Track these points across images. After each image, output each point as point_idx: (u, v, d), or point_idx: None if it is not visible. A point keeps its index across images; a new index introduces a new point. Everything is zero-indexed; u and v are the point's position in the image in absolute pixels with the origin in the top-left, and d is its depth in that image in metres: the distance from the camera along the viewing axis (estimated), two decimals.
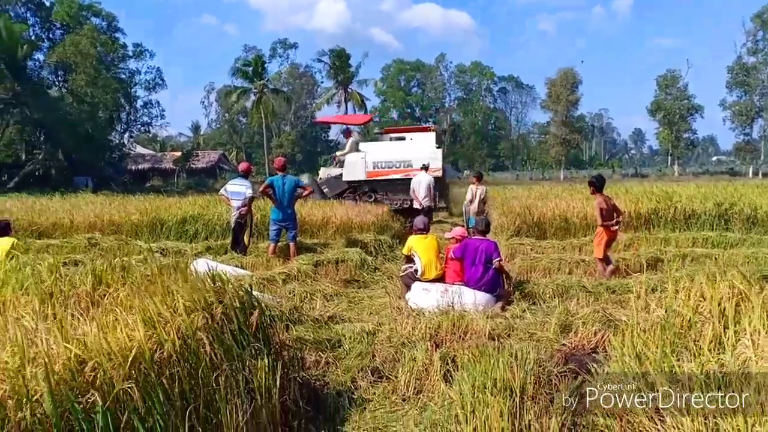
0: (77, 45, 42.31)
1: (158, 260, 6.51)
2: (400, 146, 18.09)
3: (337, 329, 5.74)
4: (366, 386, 4.60)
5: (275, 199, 9.46)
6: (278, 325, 4.80)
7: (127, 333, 2.98)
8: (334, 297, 7.36)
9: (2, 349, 2.69)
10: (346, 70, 61.23)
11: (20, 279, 4.19)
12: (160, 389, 2.86)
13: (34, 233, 12.39)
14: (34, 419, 2.33)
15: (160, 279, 3.88)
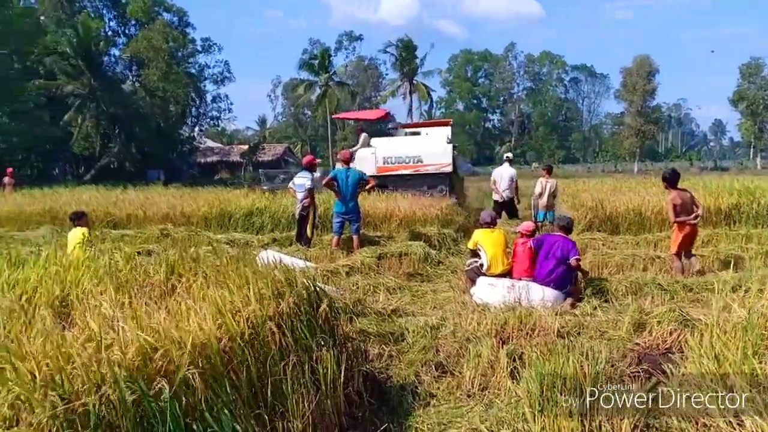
0: (149, 40, 43.98)
1: (227, 251, 6.72)
2: (412, 141, 18.07)
3: (400, 323, 5.77)
4: (430, 381, 4.60)
5: (339, 192, 9.56)
6: (342, 317, 4.88)
7: (197, 322, 3.09)
8: (397, 290, 7.39)
9: (81, 335, 2.85)
10: (412, 62, 61.13)
11: (98, 268, 4.42)
12: (227, 377, 2.96)
13: (110, 224, 12.98)
14: (108, 404, 2.45)
15: (231, 269, 4.01)
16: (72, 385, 2.37)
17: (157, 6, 47.74)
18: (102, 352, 2.57)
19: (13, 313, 3.55)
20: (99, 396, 2.38)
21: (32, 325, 3.13)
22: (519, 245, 7.15)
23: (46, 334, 2.79)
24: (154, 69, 44.27)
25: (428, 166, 16.91)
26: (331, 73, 56.71)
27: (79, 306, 3.59)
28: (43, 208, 13.90)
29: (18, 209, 14.02)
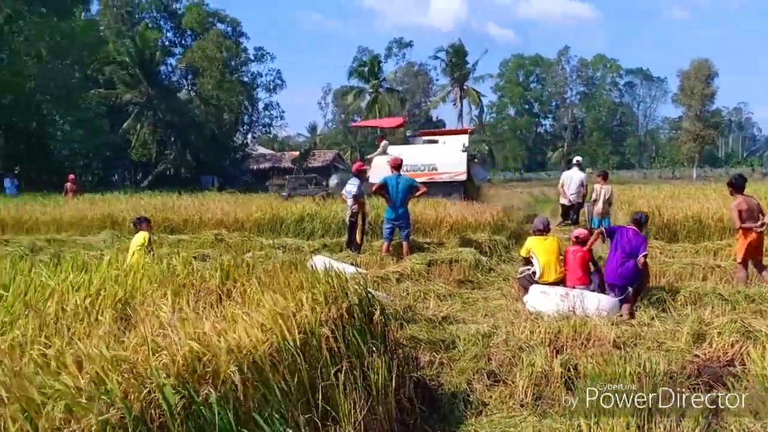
0: (204, 50, 45.26)
1: (278, 256, 6.84)
2: (427, 150, 18.28)
3: (451, 330, 5.74)
4: (482, 389, 4.57)
5: (389, 198, 9.60)
6: (393, 323, 4.90)
7: (246, 327, 3.15)
8: (448, 297, 7.36)
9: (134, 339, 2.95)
10: (463, 67, 60.94)
11: (157, 272, 4.57)
12: (278, 382, 3.01)
13: (167, 229, 13.38)
14: (157, 409, 2.52)
15: (284, 275, 4.08)
16: (123, 389, 2.44)
17: (211, 17, 49.08)
18: (152, 356, 2.64)
19: (77, 315, 3.71)
20: (148, 400, 2.45)
21: (95, 327, 3.27)
22: (570, 253, 7.03)
23: (105, 337, 2.91)
24: (208, 78, 45.52)
25: (443, 174, 17.15)
26: (381, 80, 57.08)
27: (139, 309, 3.71)
28: (103, 213, 14.39)
29: (80, 214, 14.55)
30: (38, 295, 4.03)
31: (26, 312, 3.66)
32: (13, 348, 2.75)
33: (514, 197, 22.53)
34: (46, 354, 2.63)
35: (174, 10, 51.04)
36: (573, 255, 6.95)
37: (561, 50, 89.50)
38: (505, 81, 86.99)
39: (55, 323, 3.48)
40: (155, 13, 50.73)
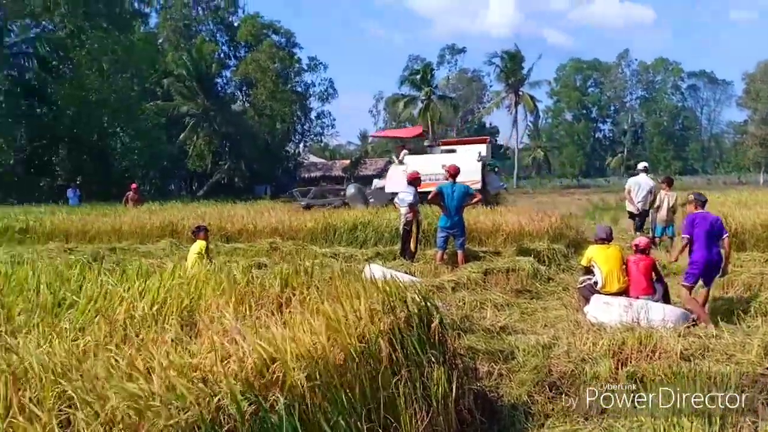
0: (258, 61, 46.32)
1: (332, 265, 6.90)
2: (442, 159, 18.12)
3: (509, 340, 5.69)
4: (544, 401, 4.51)
5: (444, 206, 9.59)
6: (450, 333, 4.89)
7: (311, 335, 3.22)
8: (506, 307, 7.30)
9: (203, 346, 3.05)
10: (518, 73, 60.40)
11: (218, 280, 4.69)
12: (342, 390, 3.05)
13: (223, 237, 13.72)
14: (226, 415, 2.58)
15: (342, 283, 4.13)
16: (192, 395, 2.51)
17: (266, 29, 50.18)
18: (220, 362, 2.72)
19: (144, 322, 3.85)
20: (217, 406, 2.52)
21: (162, 333, 3.39)
22: (633, 262, 6.87)
23: (173, 343, 3.02)
24: (262, 89, 46.52)
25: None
26: (433, 87, 57.13)
27: (203, 316, 3.83)
28: (162, 222, 14.85)
29: (139, 223, 15.05)
30: (107, 302, 4.20)
31: (96, 318, 3.82)
32: (86, 353, 2.88)
33: (572, 204, 22.13)
34: (117, 359, 2.74)
35: (230, 23, 52.45)
36: (636, 264, 6.78)
37: (621, 53, 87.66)
38: (562, 86, 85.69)
39: (124, 329, 3.62)
40: (212, 26, 52.26)
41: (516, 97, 61.51)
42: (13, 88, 33.88)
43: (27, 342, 3.13)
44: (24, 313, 4.13)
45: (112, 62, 35.60)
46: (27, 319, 3.97)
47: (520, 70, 61.06)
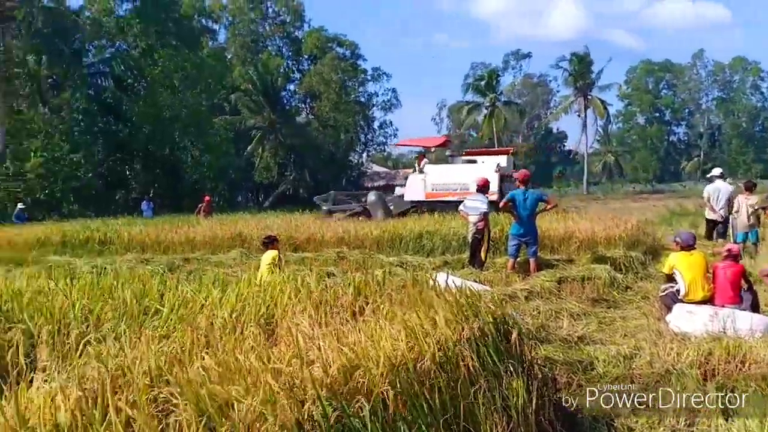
0: (321, 74, 47.25)
1: (400, 274, 6.90)
2: (461, 169, 19.26)
3: (588, 351, 5.54)
4: (627, 414, 4.37)
5: (516, 214, 9.46)
6: (526, 342, 4.81)
7: (391, 342, 3.24)
8: (582, 316, 7.12)
9: (286, 351, 3.11)
10: (587, 76, 59.11)
11: (293, 288, 4.79)
12: (423, 399, 3.05)
13: (291, 247, 13.97)
14: (310, 419, 2.63)
15: (416, 291, 4.15)
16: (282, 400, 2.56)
17: (330, 42, 51.12)
18: (305, 368, 2.77)
19: (224, 329, 3.96)
20: (302, 412, 2.57)
21: (243, 341, 3.48)
22: (720, 269, 6.58)
23: (256, 349, 3.09)
24: (325, 101, 47.37)
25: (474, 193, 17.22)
26: (498, 93, 56.68)
27: (281, 323, 3.91)
28: (232, 233, 15.25)
29: (211, 234, 15.51)
30: (188, 310, 4.36)
31: (180, 326, 3.97)
32: (175, 359, 2.99)
33: (647, 210, 21.43)
34: (204, 366, 2.83)
35: (295, 37, 53.71)
36: (724, 272, 6.50)
37: (695, 53, 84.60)
38: (633, 88, 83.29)
39: (206, 337, 3.74)
40: (278, 41, 53.66)
41: (585, 101, 60.16)
42: (91, 107, 35.71)
43: (117, 348, 3.28)
44: (111, 321, 4.34)
45: (183, 79, 37.06)
46: (114, 326, 4.17)
47: (589, 73, 59.65)
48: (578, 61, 59.80)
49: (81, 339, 3.99)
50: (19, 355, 4.12)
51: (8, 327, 4.42)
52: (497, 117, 54.85)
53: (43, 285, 5.49)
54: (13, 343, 4.22)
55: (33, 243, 16.45)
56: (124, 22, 39.34)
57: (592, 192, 56.81)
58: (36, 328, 4.25)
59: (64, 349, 4.06)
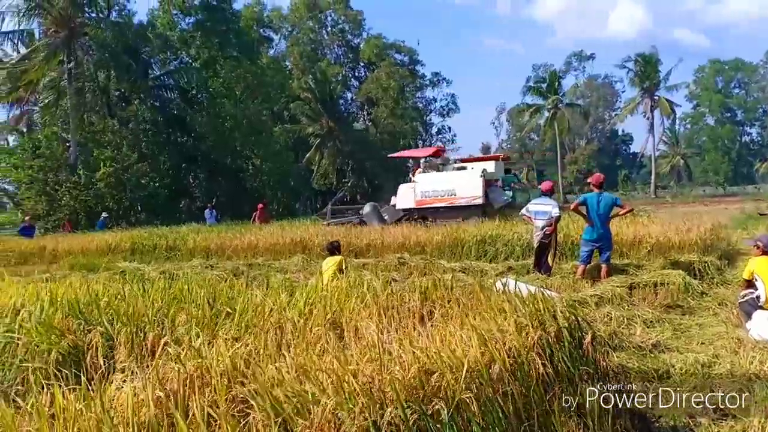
0: (379, 80, 47.60)
1: (462, 279, 6.85)
2: (448, 176, 20.63)
3: (663, 358, 5.38)
4: (708, 424, 4.21)
5: (588, 218, 9.24)
6: (599, 349, 4.70)
7: (462, 348, 3.22)
8: (655, 323, 6.89)
9: (360, 354, 3.14)
10: (653, 76, 57.35)
11: (360, 293, 4.83)
12: (497, 404, 3.03)
13: (352, 253, 14.08)
14: (388, 421, 2.65)
15: (485, 296, 4.12)
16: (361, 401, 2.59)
17: (389, 48, 51.45)
18: (382, 371, 2.79)
19: (293, 332, 4.04)
20: (380, 413, 2.59)
21: (315, 343, 3.54)
22: None
23: (330, 352, 3.14)
24: (383, 107, 47.67)
25: (461, 198, 19.38)
26: (560, 95, 55.76)
27: (349, 327, 3.96)
28: (294, 239, 15.51)
29: (273, 240, 15.81)
30: (258, 314, 4.46)
31: (250, 329, 4.07)
32: (248, 361, 3.07)
33: (720, 213, 20.58)
34: (280, 367, 2.89)
35: (354, 45, 54.30)
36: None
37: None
38: (702, 88, 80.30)
39: (276, 339, 3.83)
40: (337, 49, 54.39)
41: (651, 102, 58.35)
42: (156, 118, 37.03)
43: (194, 350, 3.39)
44: (184, 324, 4.48)
45: (244, 89, 37.99)
46: (188, 329, 4.30)
47: (656, 73, 57.82)
48: (644, 61, 58.07)
49: (157, 341, 4.15)
50: (98, 356, 4.32)
51: (88, 329, 4.63)
52: (560, 120, 53.91)
53: (119, 289, 5.74)
54: (93, 345, 4.43)
55: (104, 250, 17.17)
56: (187, 35, 40.63)
57: (660, 196, 55.00)
58: (114, 331, 4.43)
59: (141, 350, 4.23)
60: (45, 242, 19.15)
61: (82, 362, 4.24)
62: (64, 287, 5.64)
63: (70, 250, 17.56)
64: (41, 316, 4.62)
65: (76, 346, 4.42)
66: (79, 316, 4.79)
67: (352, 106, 54.68)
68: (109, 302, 5.15)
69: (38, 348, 4.36)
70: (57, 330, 4.46)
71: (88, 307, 4.95)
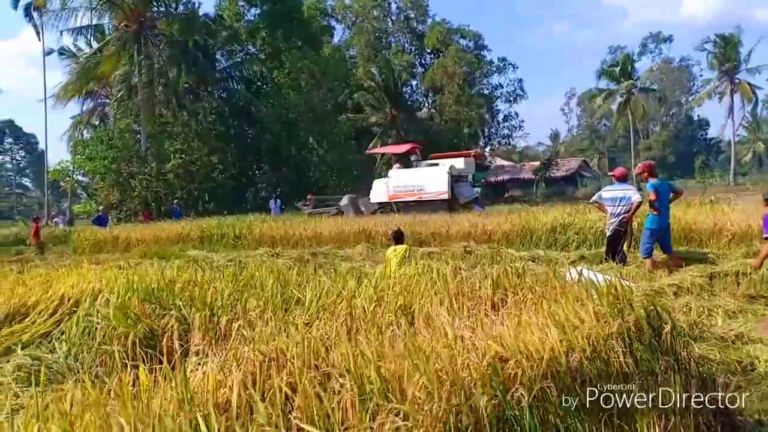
0: (444, 67, 47.20)
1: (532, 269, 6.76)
2: (420, 172, 22.64)
3: (747, 350, 5.17)
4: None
5: (656, 207, 8.95)
6: (679, 340, 4.56)
7: (539, 336, 3.18)
8: (738, 314, 6.62)
9: (434, 340, 3.15)
10: (733, 58, 54.71)
11: (429, 280, 4.84)
12: (575, 394, 2.98)
13: (416, 242, 14.10)
14: (467, 406, 2.65)
15: (559, 284, 4.05)
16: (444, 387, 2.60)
17: (454, 34, 50.92)
18: (458, 358, 2.79)
19: (365, 317, 4.08)
20: (462, 396, 2.59)
21: (385, 328, 3.57)
22: None
23: (404, 338, 3.16)
24: (448, 94, 47.28)
25: (428, 194, 21.31)
26: (635, 80, 53.95)
27: (419, 314, 3.97)
28: (358, 228, 15.67)
29: (337, 229, 16.02)
30: (328, 299, 4.53)
31: (321, 315, 4.15)
32: (328, 343, 3.13)
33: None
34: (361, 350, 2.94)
35: (419, 32, 53.99)
36: None
37: None
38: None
39: (347, 324, 3.88)
40: (401, 37, 54.24)
41: (731, 85, 55.68)
42: (223, 110, 37.95)
43: (268, 333, 3.48)
44: (256, 309, 4.60)
45: (309, 80, 38.41)
46: (260, 314, 4.42)
47: (736, 55, 55.05)
48: (724, 42, 55.39)
49: (230, 325, 4.28)
50: (173, 339, 4.48)
51: (162, 314, 4.81)
52: (634, 104, 52.18)
53: (192, 276, 5.93)
54: (168, 328, 4.60)
55: (175, 239, 17.81)
56: (253, 26, 41.39)
57: (740, 183, 52.58)
58: (190, 315, 4.59)
59: (215, 334, 4.37)
60: (118, 231, 19.99)
61: (157, 345, 4.39)
62: (140, 274, 5.86)
63: (142, 238, 18.29)
64: (118, 301, 4.82)
65: (151, 330, 4.59)
66: (154, 301, 4.97)
67: (416, 94, 54.48)
68: (183, 288, 5.33)
69: (116, 332, 4.54)
70: (134, 314, 4.64)
71: (162, 293, 5.12)
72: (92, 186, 37.94)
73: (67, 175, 43.41)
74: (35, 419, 2.65)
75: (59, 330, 5.04)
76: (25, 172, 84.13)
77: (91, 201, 37.13)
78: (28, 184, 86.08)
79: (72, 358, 4.56)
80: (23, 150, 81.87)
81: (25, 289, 5.87)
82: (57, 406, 2.72)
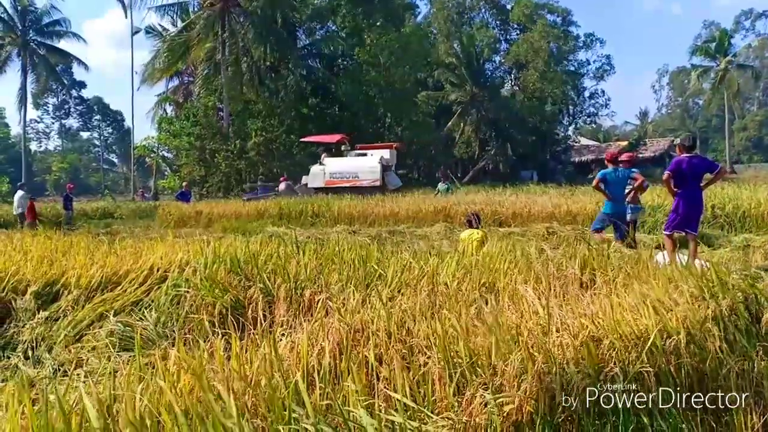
0: (530, 41, 45.94)
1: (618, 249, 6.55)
2: (352, 161, 24.99)
3: None
4: None
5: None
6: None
7: (632, 316, 3.10)
8: None
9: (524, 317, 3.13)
10: None
11: (514, 259, 4.79)
12: (670, 377, 2.90)
13: (496, 222, 13.95)
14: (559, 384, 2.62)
15: (651, 265, 3.93)
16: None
17: (540, 9, 49.48)
18: (550, 335, 2.77)
19: (448, 294, 4.09)
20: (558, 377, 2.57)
21: (469, 305, 3.56)
22: None
23: (491, 314, 3.15)
24: (532, 70, 46.09)
25: (363, 180, 23.71)
26: (731, 56, 51.02)
27: (503, 292, 3.94)
28: (436, 207, 15.65)
29: (415, 208, 16.05)
30: (410, 276, 4.57)
31: (403, 290, 4.18)
32: (414, 316, 3.16)
33: None
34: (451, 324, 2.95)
35: (502, 6, 52.74)
36: None
37: None
38: None
39: (429, 300, 3.90)
40: (484, 12, 53.18)
41: None
42: (304, 89, 38.42)
43: (352, 306, 3.55)
44: (338, 283, 4.69)
45: (389, 57, 38.29)
46: (341, 288, 4.50)
47: None
48: None
49: (313, 298, 4.38)
50: (258, 310, 4.63)
51: (248, 285, 4.97)
52: (729, 82, 49.38)
53: (274, 249, 6.08)
54: (253, 299, 4.75)
55: (255, 215, 18.31)
56: (335, 3, 41.52)
57: None
58: (274, 288, 4.73)
59: (299, 305, 4.48)
60: (201, 207, 20.73)
61: (242, 316, 4.55)
62: (225, 246, 6.06)
63: (223, 214, 18.90)
64: (206, 271, 5.00)
65: (237, 300, 4.76)
66: (240, 272, 5.13)
67: (499, 70, 53.37)
68: (266, 261, 5.48)
69: (203, 301, 4.72)
70: (220, 284, 4.81)
71: (248, 265, 5.28)
72: (176, 162, 39.34)
73: (152, 151, 45.12)
74: (137, 381, 2.81)
75: (149, 298, 5.26)
76: (113, 149, 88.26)
77: (175, 177, 38.46)
78: (115, 160, 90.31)
79: (161, 325, 4.77)
80: (111, 127, 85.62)
81: (116, 259, 6.17)
82: (159, 365, 2.87)
